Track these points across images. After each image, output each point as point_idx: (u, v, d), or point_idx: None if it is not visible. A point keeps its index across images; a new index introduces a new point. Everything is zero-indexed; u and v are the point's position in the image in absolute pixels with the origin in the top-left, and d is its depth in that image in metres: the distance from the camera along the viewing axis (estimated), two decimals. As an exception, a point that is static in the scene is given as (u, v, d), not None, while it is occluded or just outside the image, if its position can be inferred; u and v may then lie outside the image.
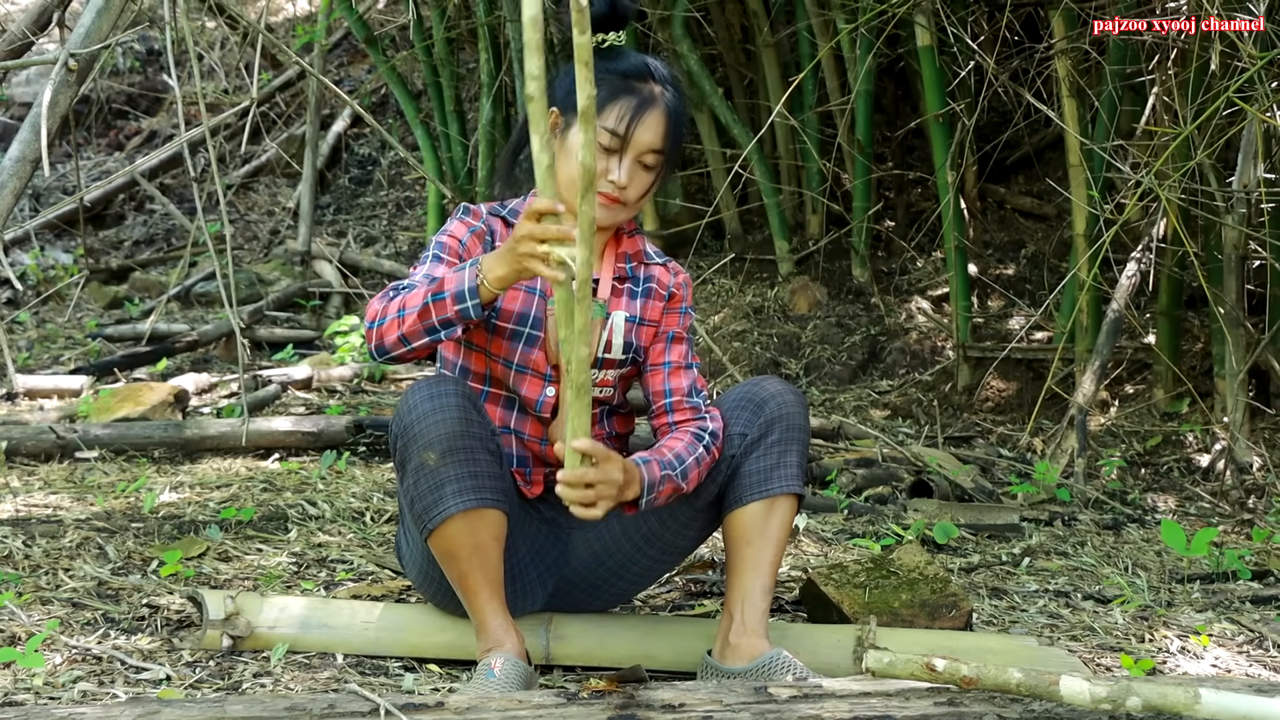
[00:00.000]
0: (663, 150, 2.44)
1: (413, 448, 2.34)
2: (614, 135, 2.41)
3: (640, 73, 2.45)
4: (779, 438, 2.48)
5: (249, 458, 4.11)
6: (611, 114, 2.42)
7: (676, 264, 2.64)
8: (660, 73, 2.48)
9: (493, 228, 2.53)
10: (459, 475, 2.33)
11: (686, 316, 2.60)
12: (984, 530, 3.69)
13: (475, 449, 2.35)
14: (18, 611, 2.66)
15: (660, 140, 2.44)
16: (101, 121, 8.33)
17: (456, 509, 2.33)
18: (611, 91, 2.42)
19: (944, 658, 1.98)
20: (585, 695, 2.02)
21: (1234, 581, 3.35)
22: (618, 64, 2.45)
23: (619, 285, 2.55)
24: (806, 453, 2.53)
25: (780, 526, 2.48)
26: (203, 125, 3.10)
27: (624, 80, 2.44)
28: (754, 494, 2.47)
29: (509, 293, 2.47)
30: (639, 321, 2.55)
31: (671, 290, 2.58)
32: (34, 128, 2.87)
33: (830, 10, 5.24)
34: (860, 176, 5.46)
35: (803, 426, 2.51)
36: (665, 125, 2.44)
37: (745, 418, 2.51)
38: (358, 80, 8.22)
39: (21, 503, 3.51)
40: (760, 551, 2.47)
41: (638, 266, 2.58)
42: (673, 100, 2.46)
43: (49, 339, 6.03)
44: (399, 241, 7.09)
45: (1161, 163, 3.78)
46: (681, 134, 2.49)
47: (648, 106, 2.43)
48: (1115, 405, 4.84)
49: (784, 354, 5.40)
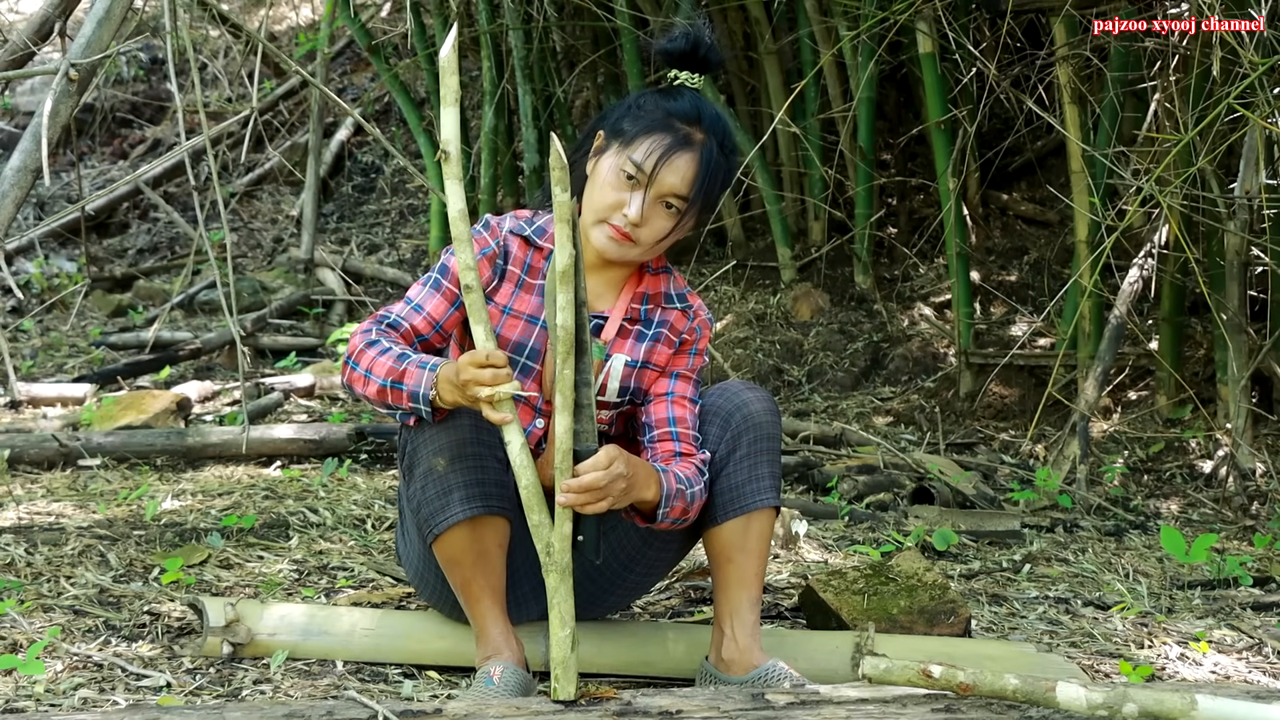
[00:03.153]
0: (687, 196, 2.36)
1: (422, 452, 2.34)
2: (639, 169, 2.35)
3: (687, 115, 2.37)
4: (747, 451, 2.45)
5: (251, 465, 4.11)
6: (641, 147, 2.35)
7: (701, 307, 2.55)
8: (710, 119, 2.38)
9: (508, 247, 2.46)
10: (467, 482, 2.33)
11: (698, 358, 2.53)
12: (985, 537, 3.69)
13: (484, 456, 2.35)
14: (19, 619, 2.67)
15: (686, 186, 2.36)
16: (105, 130, 8.34)
17: (463, 515, 2.33)
18: (650, 125, 2.36)
19: (940, 664, 1.98)
20: (583, 702, 2.03)
21: (1235, 588, 3.35)
22: (671, 101, 2.39)
23: (628, 326, 2.49)
24: (779, 459, 2.49)
25: (759, 539, 2.46)
26: (204, 134, 3.11)
27: (667, 118, 2.37)
28: (728, 513, 2.44)
29: (510, 319, 2.44)
30: (640, 365, 2.49)
31: (684, 336, 2.51)
32: (35, 137, 2.88)
33: (832, 17, 5.25)
34: (862, 183, 5.46)
35: (771, 434, 2.47)
36: (695, 171, 2.35)
37: (714, 432, 2.48)
38: (360, 88, 8.24)
39: (24, 510, 3.52)
40: (742, 567, 2.45)
41: (653, 309, 2.50)
42: (713, 149, 2.37)
43: (53, 347, 6.05)
44: (402, 249, 7.10)
45: (1163, 169, 3.78)
46: (716, 186, 2.39)
47: (681, 149, 2.35)
48: (1117, 411, 4.83)
49: (786, 361, 5.40)
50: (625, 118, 2.41)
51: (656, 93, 2.43)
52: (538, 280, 2.46)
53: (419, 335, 2.42)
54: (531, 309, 2.45)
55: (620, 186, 2.37)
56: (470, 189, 6.15)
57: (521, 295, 2.46)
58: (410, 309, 2.43)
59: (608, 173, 2.38)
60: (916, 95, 5.82)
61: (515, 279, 2.46)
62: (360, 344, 2.35)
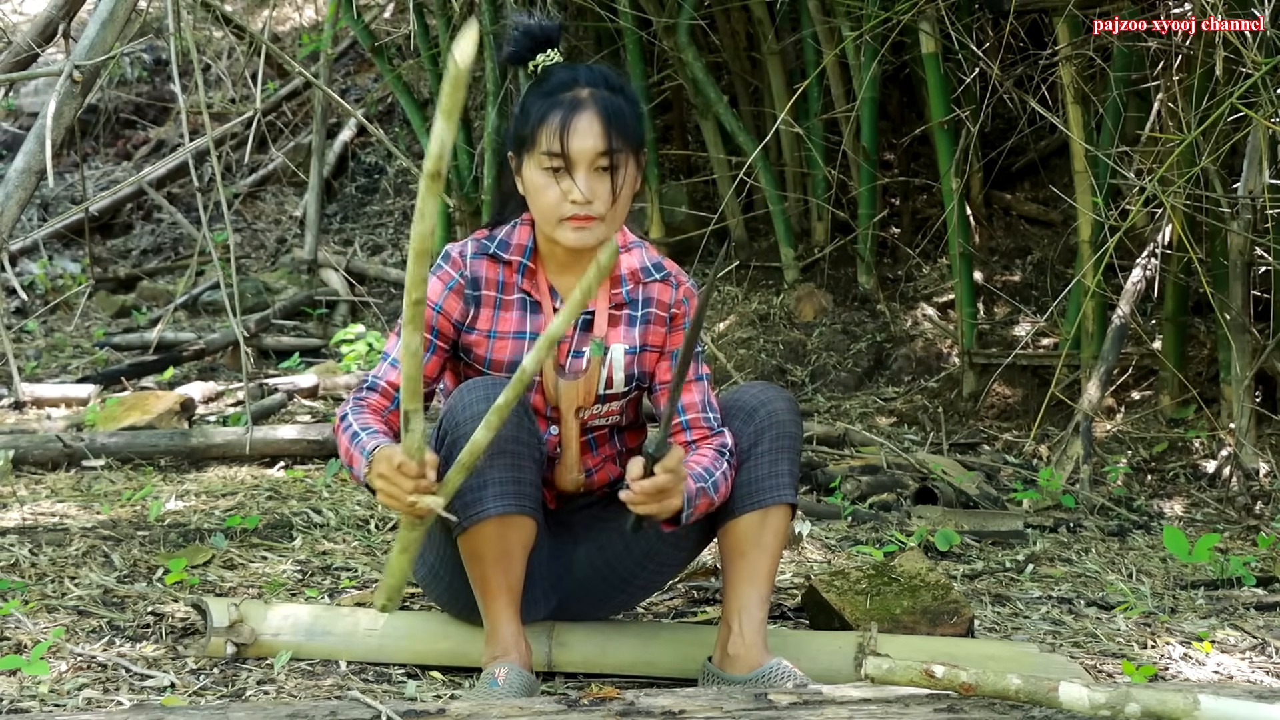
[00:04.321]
0: (609, 149, 2.36)
1: (461, 443, 2.33)
2: (553, 155, 2.35)
3: (563, 84, 2.39)
4: (769, 446, 2.46)
5: (255, 466, 4.12)
6: (543, 137, 2.36)
7: (680, 273, 2.55)
8: (584, 74, 2.40)
9: (475, 274, 2.45)
10: (503, 479, 2.33)
11: None
12: (988, 537, 3.69)
13: (522, 454, 2.35)
14: (23, 619, 2.67)
15: (602, 140, 2.35)
16: (109, 131, 8.35)
17: (495, 511, 2.33)
18: (539, 115, 2.37)
19: (943, 664, 1.98)
20: (586, 702, 2.03)
21: (1239, 588, 3.35)
22: (544, 85, 2.40)
23: (616, 313, 2.49)
24: (798, 459, 2.50)
25: (775, 536, 2.47)
26: (208, 135, 3.12)
27: (549, 98, 2.38)
28: (746, 506, 2.45)
29: (498, 342, 2.45)
30: (640, 350, 2.50)
31: (673, 310, 2.52)
32: (39, 138, 2.89)
33: (835, 18, 5.25)
34: (865, 183, 5.46)
35: (793, 434, 2.48)
36: (602, 124, 2.35)
37: (735, 427, 2.49)
38: (364, 89, 8.24)
39: (28, 511, 3.52)
40: (755, 563, 2.46)
41: (635, 288, 2.50)
42: (605, 96, 2.37)
43: (56, 348, 6.05)
44: (405, 250, 7.10)
45: (1166, 169, 3.79)
46: (628, 123, 2.38)
47: (575, 113, 2.35)
48: (1121, 411, 4.83)
49: (789, 361, 5.40)
50: (518, 127, 2.42)
51: (530, 90, 2.44)
52: (514, 295, 2.46)
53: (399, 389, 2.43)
54: (515, 325, 2.45)
55: (550, 182, 2.37)
56: (473, 189, 6.15)
57: (503, 315, 2.46)
58: (388, 365, 2.44)
59: (534, 177, 2.39)
60: (919, 95, 5.82)
61: (492, 301, 2.46)
62: (339, 419, 2.41)
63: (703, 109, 5.70)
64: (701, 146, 6.04)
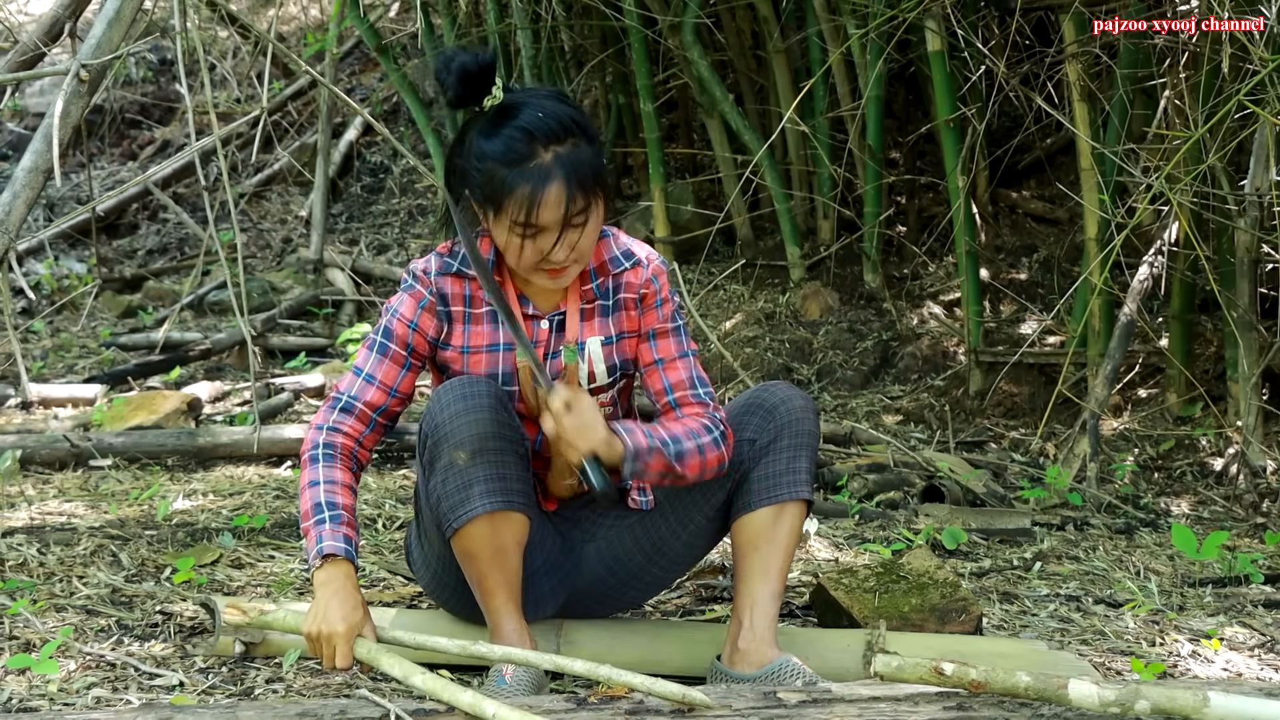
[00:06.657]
0: (580, 208, 2.30)
1: (443, 446, 2.34)
2: (524, 226, 2.29)
3: (524, 153, 2.28)
4: (789, 443, 2.47)
5: (262, 465, 4.12)
6: (510, 208, 2.28)
7: (650, 253, 2.50)
8: (543, 130, 2.28)
9: (443, 291, 2.44)
10: (488, 476, 2.34)
11: (666, 306, 2.49)
12: (995, 535, 3.69)
13: (505, 450, 2.35)
14: (32, 618, 2.68)
15: (571, 203, 2.28)
16: (115, 131, 8.36)
17: (483, 509, 2.33)
18: (501, 184, 2.27)
19: (952, 662, 1.98)
20: (594, 700, 2.03)
21: (1246, 585, 3.35)
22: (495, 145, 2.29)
23: (589, 309, 2.48)
24: (816, 459, 2.51)
25: (789, 532, 2.47)
26: (214, 135, 3.12)
27: (509, 168, 2.28)
28: (762, 500, 2.47)
29: (472, 356, 2.45)
30: (617, 339, 2.50)
31: (642, 291, 2.48)
32: (46, 138, 2.89)
33: (841, 16, 5.24)
34: (871, 182, 5.46)
35: (812, 432, 2.50)
36: (567, 188, 2.27)
37: (755, 423, 2.50)
38: (369, 88, 8.25)
39: (36, 511, 3.53)
40: (768, 558, 2.46)
41: (604, 281, 2.48)
42: (566, 154, 2.28)
43: (63, 348, 6.06)
44: (411, 249, 7.10)
45: (1173, 166, 3.78)
46: (589, 172, 2.30)
47: (542, 185, 2.26)
48: (1128, 409, 4.83)
49: (796, 359, 5.39)
50: (478, 187, 2.33)
51: (481, 140, 2.32)
52: (482, 308, 2.45)
53: (376, 409, 2.43)
54: (489, 339, 2.46)
55: (527, 246, 2.32)
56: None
57: (474, 329, 2.46)
58: (362, 381, 2.43)
59: (507, 239, 2.33)
60: (925, 93, 5.81)
61: (463, 316, 2.46)
62: (308, 447, 2.39)
63: (708, 107, 5.70)
64: (707, 145, 6.03)
